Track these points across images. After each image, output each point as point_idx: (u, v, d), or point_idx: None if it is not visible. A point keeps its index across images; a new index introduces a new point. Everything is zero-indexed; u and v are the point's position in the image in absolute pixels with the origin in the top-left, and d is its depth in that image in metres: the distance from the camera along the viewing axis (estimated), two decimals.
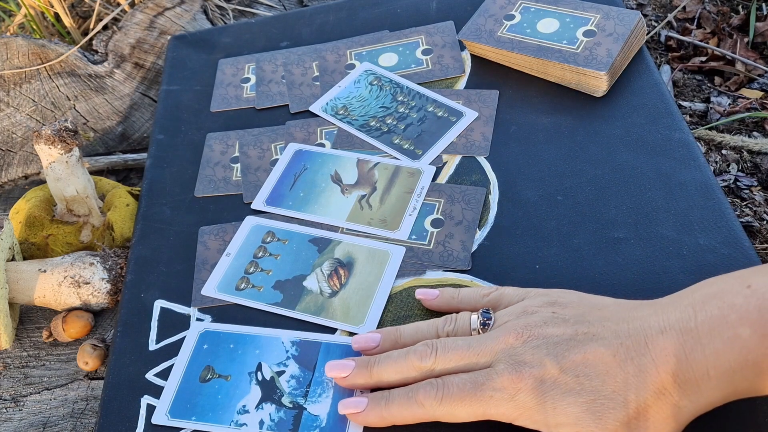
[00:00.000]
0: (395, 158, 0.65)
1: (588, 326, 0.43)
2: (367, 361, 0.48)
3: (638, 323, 0.42)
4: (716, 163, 0.90)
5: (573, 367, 0.42)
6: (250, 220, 0.62)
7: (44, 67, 0.84)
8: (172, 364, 0.54)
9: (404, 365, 0.46)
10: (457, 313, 0.50)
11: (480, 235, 0.57)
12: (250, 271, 0.58)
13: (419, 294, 0.53)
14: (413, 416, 0.45)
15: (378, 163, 0.64)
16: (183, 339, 0.55)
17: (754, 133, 0.92)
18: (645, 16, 1.08)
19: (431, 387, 0.44)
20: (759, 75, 0.99)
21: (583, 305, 0.45)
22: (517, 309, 0.47)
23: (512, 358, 0.43)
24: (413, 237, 0.58)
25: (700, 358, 0.39)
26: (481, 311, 0.48)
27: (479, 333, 0.47)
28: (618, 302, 0.45)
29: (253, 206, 0.63)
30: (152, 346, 0.56)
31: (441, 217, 0.59)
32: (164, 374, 0.53)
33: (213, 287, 0.57)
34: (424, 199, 0.61)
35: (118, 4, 0.99)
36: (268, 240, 0.60)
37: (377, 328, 0.52)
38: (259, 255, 0.59)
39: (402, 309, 0.54)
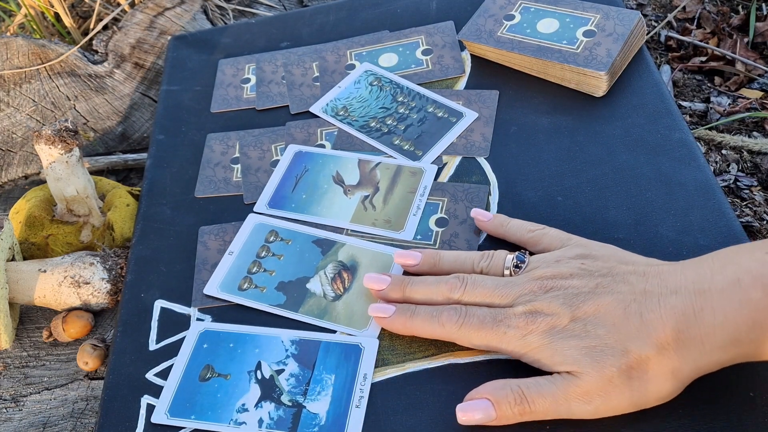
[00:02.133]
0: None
1: (610, 280, 0.46)
2: (401, 280, 0.53)
3: (656, 281, 0.44)
4: (716, 163, 0.90)
5: (583, 317, 0.45)
6: (252, 218, 0.62)
7: (44, 67, 0.84)
8: (172, 364, 0.54)
9: (435, 291, 0.51)
10: (501, 242, 0.55)
11: (481, 236, 0.57)
12: (253, 270, 0.58)
13: (474, 213, 0.57)
14: (432, 333, 0.50)
15: (379, 163, 0.64)
16: (183, 339, 0.55)
17: (754, 133, 0.92)
18: (645, 16, 1.09)
19: (455, 312, 0.49)
20: (759, 75, 0.99)
21: (614, 259, 0.48)
22: (551, 258, 0.49)
23: (530, 305, 0.46)
24: (418, 237, 0.58)
25: (709, 318, 0.41)
26: (516, 254, 0.51)
27: (511, 274, 0.50)
28: (648, 261, 0.47)
29: (255, 209, 0.63)
30: (152, 346, 0.56)
31: (445, 216, 0.59)
32: (164, 374, 0.53)
33: (215, 286, 0.57)
34: (428, 199, 0.61)
35: (118, 4, 0.99)
36: (271, 239, 0.60)
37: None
38: (262, 255, 0.59)
39: None
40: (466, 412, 0.45)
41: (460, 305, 0.49)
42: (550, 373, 0.45)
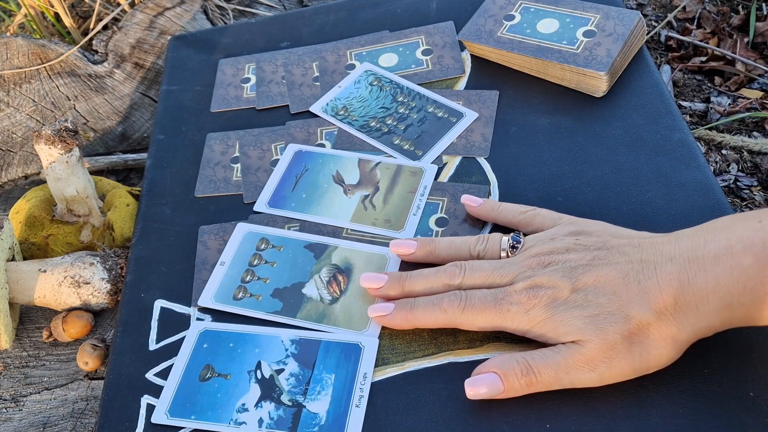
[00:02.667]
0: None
1: (606, 252, 0.47)
2: (399, 276, 0.53)
3: (652, 251, 0.45)
4: (716, 163, 0.90)
5: (584, 288, 0.45)
6: (242, 227, 0.61)
7: (44, 67, 0.84)
8: (172, 364, 0.54)
9: (434, 281, 0.51)
10: (493, 224, 0.56)
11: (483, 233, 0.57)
12: (247, 279, 0.58)
13: (465, 199, 0.57)
14: (436, 321, 0.50)
15: (380, 162, 0.64)
16: (183, 339, 0.55)
17: (754, 133, 0.92)
18: (645, 16, 1.09)
19: (455, 297, 0.49)
20: (759, 75, 0.99)
21: (607, 234, 0.49)
22: (545, 236, 0.50)
23: (531, 280, 0.47)
24: (418, 236, 0.58)
25: (702, 283, 0.42)
26: (512, 235, 0.52)
27: (507, 255, 0.51)
28: (641, 234, 0.49)
29: (255, 208, 0.63)
30: (152, 345, 0.56)
31: (445, 216, 0.59)
32: (164, 374, 0.53)
33: (209, 298, 0.57)
34: (428, 198, 0.61)
35: (118, 4, 0.99)
36: (262, 247, 0.60)
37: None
38: (255, 263, 0.59)
39: None
40: (474, 387, 0.46)
41: (460, 290, 0.49)
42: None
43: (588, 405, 0.46)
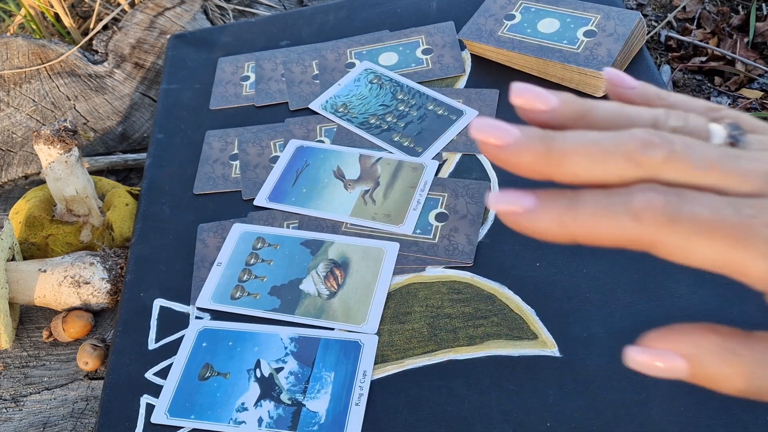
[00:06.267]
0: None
1: None
2: (545, 133, 0.27)
3: None
4: None
5: None
6: (237, 228, 0.61)
7: (44, 67, 0.84)
8: (172, 363, 0.54)
9: (610, 151, 0.26)
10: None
11: (480, 233, 0.57)
12: (244, 279, 0.58)
13: (607, 73, 0.29)
14: (615, 234, 0.25)
15: (380, 158, 0.64)
16: (182, 337, 0.55)
17: None
18: (645, 16, 1.08)
19: (659, 194, 0.25)
20: (759, 75, 0.98)
21: None
22: None
23: None
24: (418, 231, 0.58)
25: None
26: (727, 122, 0.27)
27: None
28: None
29: (255, 203, 0.63)
30: (152, 345, 0.56)
31: (445, 211, 0.59)
32: (164, 373, 0.53)
33: (207, 298, 0.57)
34: (428, 194, 0.61)
35: (118, 4, 0.99)
36: (258, 246, 0.60)
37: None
38: (251, 262, 0.59)
39: (402, 306, 0.54)
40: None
41: (662, 185, 0.25)
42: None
43: (588, 403, 0.46)
